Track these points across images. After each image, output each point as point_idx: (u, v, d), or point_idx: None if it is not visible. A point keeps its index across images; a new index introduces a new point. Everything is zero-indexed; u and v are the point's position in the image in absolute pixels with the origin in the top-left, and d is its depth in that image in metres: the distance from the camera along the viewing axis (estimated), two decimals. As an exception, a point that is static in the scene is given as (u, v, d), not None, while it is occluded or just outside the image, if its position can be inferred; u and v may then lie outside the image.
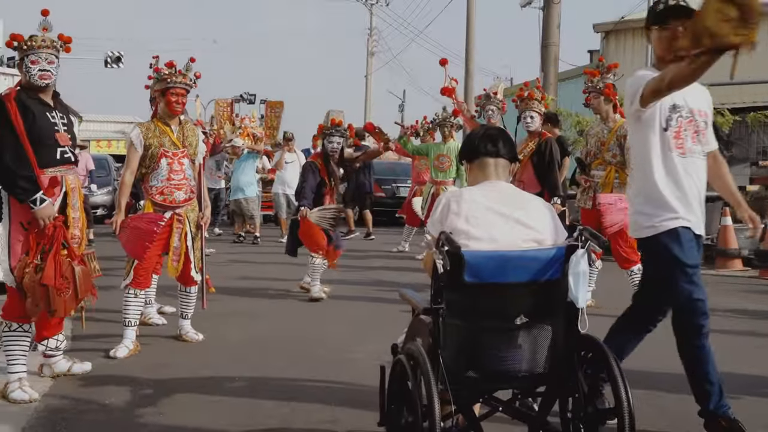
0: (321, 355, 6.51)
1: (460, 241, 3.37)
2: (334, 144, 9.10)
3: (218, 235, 16.36)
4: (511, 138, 3.87)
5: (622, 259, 8.16)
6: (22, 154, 5.18)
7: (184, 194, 6.73)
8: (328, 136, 9.13)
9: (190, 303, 7.03)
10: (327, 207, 9.04)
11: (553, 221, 3.64)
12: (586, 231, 3.42)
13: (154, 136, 6.68)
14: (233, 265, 12.00)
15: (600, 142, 8.28)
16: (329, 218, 8.98)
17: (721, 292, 10.30)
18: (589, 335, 3.48)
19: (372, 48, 44.42)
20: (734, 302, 9.41)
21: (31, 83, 5.42)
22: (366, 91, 44.12)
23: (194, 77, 6.93)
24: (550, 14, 18.82)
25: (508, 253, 3.39)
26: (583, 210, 8.46)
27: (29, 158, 5.20)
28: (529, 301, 3.39)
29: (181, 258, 6.75)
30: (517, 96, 9.30)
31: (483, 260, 3.32)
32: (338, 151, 9.17)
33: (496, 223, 3.52)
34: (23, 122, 5.21)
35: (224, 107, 18.43)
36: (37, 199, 5.19)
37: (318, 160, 9.18)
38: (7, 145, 5.16)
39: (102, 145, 43.88)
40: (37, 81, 5.40)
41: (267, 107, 19.71)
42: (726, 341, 7.30)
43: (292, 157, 16.02)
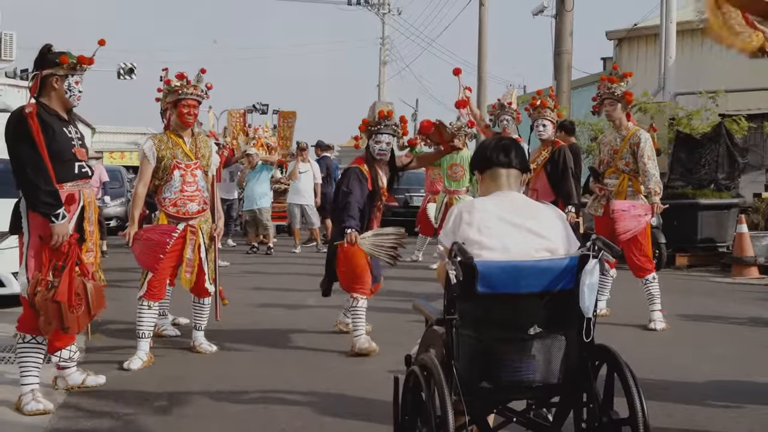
0: (334, 366, 6.52)
1: (473, 251, 3.38)
2: (382, 144, 7.02)
3: (232, 247, 16.39)
4: (523, 148, 3.88)
5: (637, 268, 8.14)
6: (44, 169, 5.22)
7: (198, 206, 6.76)
8: (376, 133, 7.04)
9: (203, 314, 7.06)
10: (383, 232, 7.00)
11: (565, 230, 3.64)
12: (599, 240, 3.41)
13: (167, 148, 6.71)
14: (247, 276, 12.03)
15: (613, 151, 8.26)
16: (388, 247, 6.95)
17: (736, 300, 10.26)
18: (603, 345, 3.48)
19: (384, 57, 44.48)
20: (750, 310, 9.37)
21: (66, 101, 5.47)
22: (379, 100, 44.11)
23: (205, 88, 6.96)
24: (562, 22, 18.80)
25: (521, 263, 3.40)
26: (596, 218, 8.45)
27: (50, 173, 5.25)
28: (543, 312, 3.39)
29: (195, 269, 6.78)
30: (529, 105, 9.29)
31: (496, 271, 3.33)
32: (388, 153, 7.13)
33: (508, 233, 3.53)
34: (44, 138, 5.25)
35: (237, 118, 18.53)
36: (60, 215, 5.23)
37: (364, 166, 7.08)
38: (29, 160, 5.20)
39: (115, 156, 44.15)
40: (75, 102, 5.51)
41: (280, 117, 19.75)
42: (741, 350, 7.28)
43: (306, 167, 16.07)
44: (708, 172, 14.63)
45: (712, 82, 16.11)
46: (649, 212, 8.03)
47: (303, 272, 12.47)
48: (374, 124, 7.06)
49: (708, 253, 13.85)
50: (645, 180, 8.02)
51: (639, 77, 17.59)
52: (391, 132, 7.05)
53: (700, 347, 7.39)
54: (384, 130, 7.04)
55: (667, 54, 16.90)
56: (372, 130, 7.07)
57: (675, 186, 14.36)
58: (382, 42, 44.87)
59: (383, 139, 7.04)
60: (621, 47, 22.46)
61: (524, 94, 31.18)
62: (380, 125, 7.03)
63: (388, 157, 7.14)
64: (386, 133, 7.04)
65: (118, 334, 7.60)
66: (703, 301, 10.03)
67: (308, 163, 16.23)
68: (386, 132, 7.04)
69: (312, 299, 9.82)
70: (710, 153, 14.65)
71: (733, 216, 13.89)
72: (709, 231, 13.87)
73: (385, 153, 7.07)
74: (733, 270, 12.54)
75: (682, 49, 18.75)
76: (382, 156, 7.07)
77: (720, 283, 12.00)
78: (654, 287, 8.10)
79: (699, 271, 13.24)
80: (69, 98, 5.47)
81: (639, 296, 8.42)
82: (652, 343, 7.52)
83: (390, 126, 7.04)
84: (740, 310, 9.39)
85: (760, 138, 16.44)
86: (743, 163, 14.84)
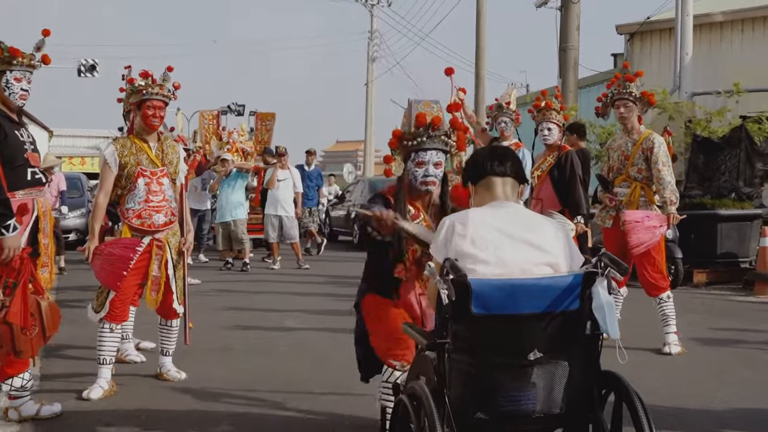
0: (317, 394, 6.51)
1: (466, 265, 3.40)
2: (428, 167, 4.97)
3: (204, 263, 16.37)
4: (518, 157, 3.91)
5: (650, 286, 8.15)
6: None
7: (164, 217, 6.75)
8: (415, 150, 5.00)
9: (171, 338, 7.04)
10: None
11: (568, 245, 3.65)
12: (605, 256, 3.43)
13: (131, 154, 6.70)
14: (220, 296, 12.01)
15: (624, 156, 8.29)
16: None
17: (759, 320, 10.28)
18: (611, 371, 3.49)
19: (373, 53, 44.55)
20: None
21: (6, 100, 5.47)
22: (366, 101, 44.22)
23: (173, 88, 6.95)
24: (568, 15, 18.88)
25: (520, 281, 3.41)
26: (605, 230, 8.46)
27: (2, 181, 5.23)
28: (544, 334, 3.41)
29: (161, 288, 6.76)
30: (533, 106, 9.31)
31: (492, 289, 3.34)
32: (437, 180, 5.02)
33: (505, 246, 3.54)
34: None
35: (210, 120, 18.51)
36: (11, 226, 5.21)
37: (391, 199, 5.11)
38: None
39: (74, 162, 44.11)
40: (17, 101, 5.50)
41: (257, 119, 19.77)
42: (764, 376, 7.30)
43: (285, 175, 16.08)
44: (728, 180, 14.68)
45: (732, 80, 16.19)
46: (664, 224, 8.06)
47: (282, 291, 12.48)
48: (412, 137, 5.01)
49: (728, 269, 13.88)
50: (659, 188, 8.05)
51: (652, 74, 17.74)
52: (441, 146, 5.00)
53: (719, 373, 7.41)
54: (429, 144, 4.98)
55: (683, 50, 16.98)
56: (409, 147, 5.01)
57: (692, 195, 14.41)
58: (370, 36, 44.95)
59: (429, 158, 4.97)
60: (633, 43, 22.55)
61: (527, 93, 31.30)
62: (422, 137, 4.99)
63: (436, 186, 5.02)
64: (433, 149, 4.98)
65: (76, 359, 7.57)
66: (722, 323, 10.05)
67: (288, 170, 16.24)
68: (433, 147, 4.98)
69: (291, 321, 9.82)
70: (730, 158, 14.71)
71: (756, 228, 13.93)
72: (730, 245, 13.92)
73: (434, 181, 4.97)
74: (756, 288, 12.58)
75: (699, 45, 18.84)
76: (427, 185, 4.98)
77: (742, 302, 12.04)
78: (669, 307, 8.12)
79: (719, 289, 13.28)
80: (9, 97, 5.47)
81: (652, 317, 8.43)
82: (665, 368, 7.53)
83: (438, 137, 4.99)
84: (763, 332, 9.41)
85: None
86: (763, 170, 14.88)
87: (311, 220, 18.74)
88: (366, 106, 44.32)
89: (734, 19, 20.64)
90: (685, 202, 13.13)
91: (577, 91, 19.26)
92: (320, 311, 10.44)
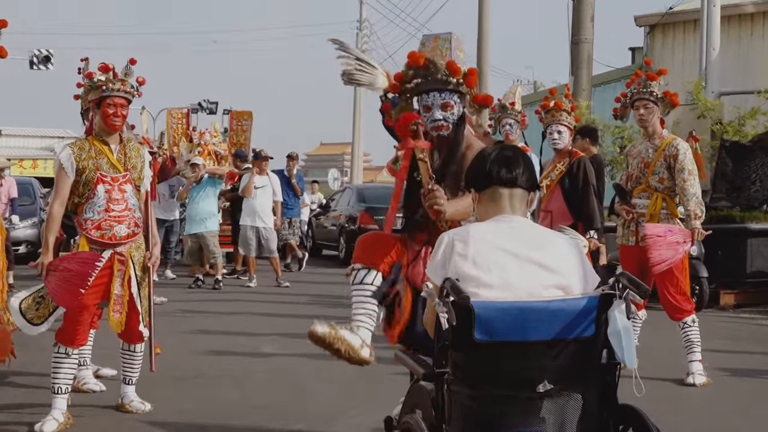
0: (298, 429, 6.51)
1: (468, 289, 3.40)
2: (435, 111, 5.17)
3: (171, 280, 16.35)
4: (531, 160, 3.89)
5: (672, 308, 8.16)
6: None
7: (127, 229, 6.74)
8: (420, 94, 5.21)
9: (135, 365, 7.02)
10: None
11: (582, 264, 3.66)
12: (624, 276, 3.44)
13: (89, 158, 6.68)
14: (189, 317, 11.99)
15: (644, 164, 8.31)
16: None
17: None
18: (629, 405, 3.50)
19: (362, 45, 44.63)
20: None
21: None
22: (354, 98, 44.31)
23: (136, 83, 6.95)
24: (581, 4, 18.95)
25: (528, 304, 3.42)
26: (623, 248, 8.47)
27: None
28: (555, 364, 3.42)
29: (124, 308, 6.74)
30: (541, 107, 9.33)
31: (497, 314, 3.35)
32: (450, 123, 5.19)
33: (511, 267, 3.55)
34: None
35: (178, 119, 18.53)
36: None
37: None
38: None
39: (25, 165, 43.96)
40: None
41: (232, 118, 19.80)
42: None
43: (263, 181, 16.06)
44: (759, 190, 14.70)
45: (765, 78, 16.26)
46: (689, 240, 8.07)
47: (259, 312, 12.46)
48: (408, 79, 5.15)
49: (759, 290, 13.92)
50: (683, 200, 8.06)
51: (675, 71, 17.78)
52: (441, 86, 5.10)
53: (747, 407, 7.43)
54: (427, 85, 5.11)
55: (709, 45, 17.06)
56: (409, 90, 5.17)
57: (719, 207, 14.42)
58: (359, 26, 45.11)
59: (432, 101, 5.11)
60: (653, 36, 22.65)
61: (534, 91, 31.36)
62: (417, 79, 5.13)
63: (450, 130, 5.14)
64: (434, 90, 5.10)
65: (28, 388, 7.55)
66: (752, 350, 10.08)
67: (267, 176, 16.23)
68: (433, 87, 5.10)
69: (269, 346, 9.81)
70: (762, 165, 14.71)
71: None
72: (761, 263, 13.95)
73: (443, 125, 5.11)
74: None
75: (727, 39, 18.93)
76: (439, 131, 5.12)
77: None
78: (693, 332, 8.12)
79: (748, 312, 13.32)
80: None
81: (675, 343, 8.45)
82: (689, 401, 7.55)
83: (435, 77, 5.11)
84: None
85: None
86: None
87: (291, 232, 18.74)
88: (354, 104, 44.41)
89: (767, 11, 20.72)
90: (712, 215, 13.13)
91: (590, 90, 19.31)
92: (301, 335, 10.22)
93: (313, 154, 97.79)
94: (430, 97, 5.10)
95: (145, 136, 16.24)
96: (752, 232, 13.86)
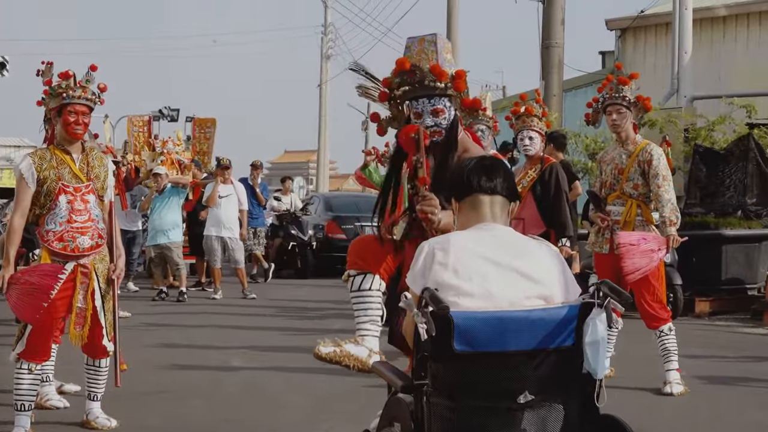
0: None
1: (448, 298, 3.42)
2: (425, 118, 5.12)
3: (134, 293, 16.26)
4: (510, 170, 3.92)
5: (649, 317, 8.20)
6: None
7: (91, 240, 6.70)
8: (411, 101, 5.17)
9: (100, 380, 6.97)
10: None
11: (563, 273, 3.69)
12: (605, 285, 3.46)
13: (51, 167, 6.65)
14: (154, 330, 11.94)
15: (618, 170, 8.34)
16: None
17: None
18: (610, 415, 3.52)
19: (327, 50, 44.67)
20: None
21: None
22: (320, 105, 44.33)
23: (98, 90, 6.91)
24: (551, 8, 19.03)
25: (508, 313, 3.44)
26: (598, 255, 8.50)
27: None
28: (535, 374, 3.44)
29: (87, 322, 6.71)
30: (512, 112, 9.37)
31: (477, 324, 3.36)
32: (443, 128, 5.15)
33: (492, 276, 3.56)
34: None
35: (140, 127, 18.45)
36: None
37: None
38: None
39: (-19, 176, 43.60)
40: None
41: (194, 126, 19.72)
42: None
43: (228, 190, 16.01)
44: (734, 196, 14.79)
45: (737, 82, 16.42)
46: (663, 247, 8.12)
47: (225, 325, 12.42)
48: (396, 85, 5.15)
49: (734, 297, 14.01)
50: (658, 206, 8.11)
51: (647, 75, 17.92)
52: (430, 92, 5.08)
53: (724, 416, 7.50)
54: (416, 92, 5.10)
55: (681, 48, 17.18)
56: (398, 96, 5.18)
57: (693, 213, 14.49)
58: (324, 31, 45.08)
59: (422, 107, 5.10)
60: (625, 40, 22.83)
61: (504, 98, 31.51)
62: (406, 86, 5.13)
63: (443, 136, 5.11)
64: (423, 96, 5.09)
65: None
66: (728, 357, 10.16)
67: (231, 184, 16.18)
68: (422, 94, 5.09)
69: (237, 359, 9.79)
70: (736, 172, 14.80)
71: (765, 250, 14.08)
72: (736, 269, 14.03)
73: (437, 131, 5.09)
74: (765, 318, 12.71)
75: (699, 43, 19.09)
76: (432, 137, 5.08)
77: (749, 334, 12.16)
78: (670, 341, 8.16)
79: (723, 319, 13.40)
80: None
81: (651, 352, 8.49)
82: (667, 410, 7.60)
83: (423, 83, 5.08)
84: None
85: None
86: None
87: (256, 242, 18.69)
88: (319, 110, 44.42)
89: (739, 13, 20.94)
90: (686, 221, 13.18)
91: (561, 94, 19.41)
92: (270, 348, 10.41)
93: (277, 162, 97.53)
94: (419, 104, 5.08)
95: (108, 145, 16.15)
96: (727, 239, 13.91)
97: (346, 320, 9.46)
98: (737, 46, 20.71)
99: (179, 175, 16.13)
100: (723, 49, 20.65)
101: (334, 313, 13.60)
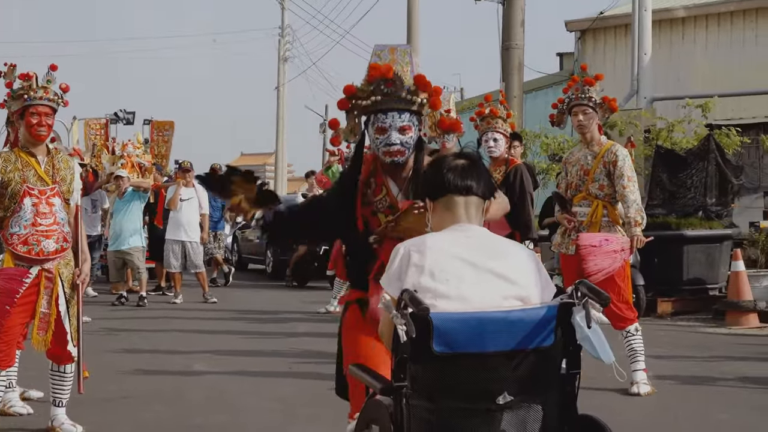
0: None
1: (426, 301, 3.42)
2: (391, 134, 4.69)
3: (93, 297, 16.14)
4: (486, 168, 3.93)
5: (615, 317, 8.23)
6: None
7: (56, 244, 6.67)
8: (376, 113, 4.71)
9: (64, 386, 6.92)
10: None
11: (539, 274, 3.72)
12: (583, 285, 3.49)
13: (15, 170, 6.61)
14: (114, 335, 11.86)
15: (583, 171, 8.36)
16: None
17: (732, 354, 10.47)
18: (590, 416, 3.55)
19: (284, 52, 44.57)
20: (750, 368, 9.55)
21: None
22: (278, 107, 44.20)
23: (60, 91, 6.87)
24: (511, 9, 19.10)
25: (487, 314, 3.45)
26: (564, 257, 8.52)
27: None
28: (514, 375, 3.46)
29: (51, 327, 6.66)
30: (476, 113, 9.39)
31: (456, 325, 3.38)
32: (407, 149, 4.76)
33: (468, 278, 3.58)
34: None
35: (97, 130, 18.31)
36: None
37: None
38: None
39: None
40: None
41: (153, 129, 19.59)
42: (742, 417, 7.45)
43: (189, 193, 15.94)
44: (695, 196, 14.90)
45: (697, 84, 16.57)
46: (627, 247, 8.16)
47: (187, 329, 12.37)
48: (365, 95, 4.71)
49: (696, 298, 14.13)
50: (624, 207, 8.15)
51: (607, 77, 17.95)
52: (404, 105, 4.67)
53: (691, 415, 7.59)
54: (387, 104, 4.67)
55: (641, 50, 17.31)
56: (363, 107, 4.73)
57: (655, 214, 14.56)
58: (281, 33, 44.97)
59: (390, 122, 4.67)
60: (584, 41, 22.97)
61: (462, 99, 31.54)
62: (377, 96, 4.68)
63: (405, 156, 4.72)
64: (394, 109, 4.66)
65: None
66: (691, 357, 10.24)
67: (193, 187, 16.10)
68: (393, 107, 4.67)
69: (200, 364, 9.75)
70: (697, 173, 14.91)
71: (726, 251, 14.19)
72: (698, 270, 14.14)
73: (400, 150, 4.68)
74: (727, 318, 12.81)
75: (659, 44, 19.25)
76: (392, 156, 4.69)
77: (712, 334, 12.25)
78: (637, 341, 8.20)
79: (686, 319, 13.50)
80: None
81: (618, 352, 8.49)
82: (635, 411, 7.65)
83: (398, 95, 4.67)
84: (738, 367, 9.59)
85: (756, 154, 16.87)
86: (737, 184, 15.13)
87: (217, 245, 18.67)
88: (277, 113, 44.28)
89: (698, 15, 21.13)
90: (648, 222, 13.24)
91: (522, 96, 19.48)
92: (234, 352, 10.38)
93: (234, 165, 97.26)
94: (387, 118, 4.63)
95: (75, 147, 16.04)
96: (688, 239, 14.01)
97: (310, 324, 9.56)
98: (696, 48, 20.90)
99: (140, 179, 16.00)
100: (682, 51, 20.83)
101: (297, 317, 13.60)
